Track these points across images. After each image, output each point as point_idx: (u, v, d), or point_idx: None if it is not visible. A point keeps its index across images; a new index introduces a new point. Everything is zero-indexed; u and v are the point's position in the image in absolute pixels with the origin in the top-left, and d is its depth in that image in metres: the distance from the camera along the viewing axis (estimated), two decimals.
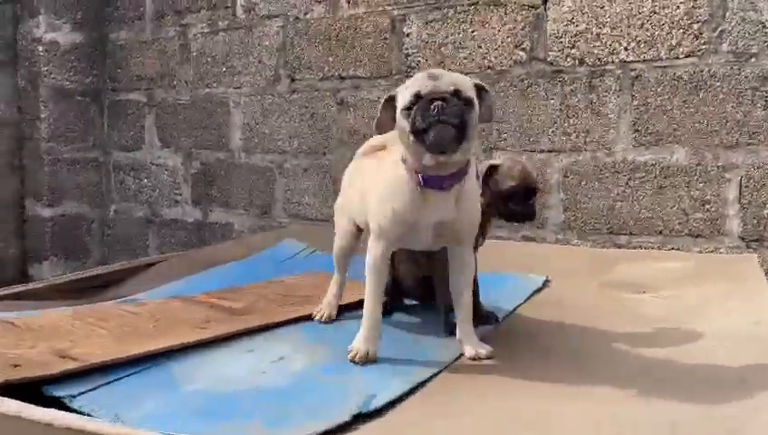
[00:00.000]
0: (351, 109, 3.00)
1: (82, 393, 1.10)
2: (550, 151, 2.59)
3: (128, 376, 1.20)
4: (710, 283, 1.79)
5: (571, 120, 2.54)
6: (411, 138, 1.30)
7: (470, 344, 1.42)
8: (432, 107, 1.25)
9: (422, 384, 1.23)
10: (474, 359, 1.39)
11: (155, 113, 3.58)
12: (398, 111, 1.32)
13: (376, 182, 1.44)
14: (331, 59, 3.03)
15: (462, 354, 1.42)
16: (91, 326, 1.41)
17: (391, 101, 1.35)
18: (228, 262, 2.29)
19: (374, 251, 1.41)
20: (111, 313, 1.56)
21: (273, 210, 3.25)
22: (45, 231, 3.55)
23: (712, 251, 2.33)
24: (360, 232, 1.62)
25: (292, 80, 3.14)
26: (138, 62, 3.61)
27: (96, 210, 3.74)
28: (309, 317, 1.64)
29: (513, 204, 1.54)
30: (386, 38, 2.89)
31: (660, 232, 2.42)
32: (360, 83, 2.96)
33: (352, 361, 1.33)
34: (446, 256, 1.45)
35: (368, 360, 1.33)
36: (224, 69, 3.34)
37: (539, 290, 1.92)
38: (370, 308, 1.40)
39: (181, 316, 1.54)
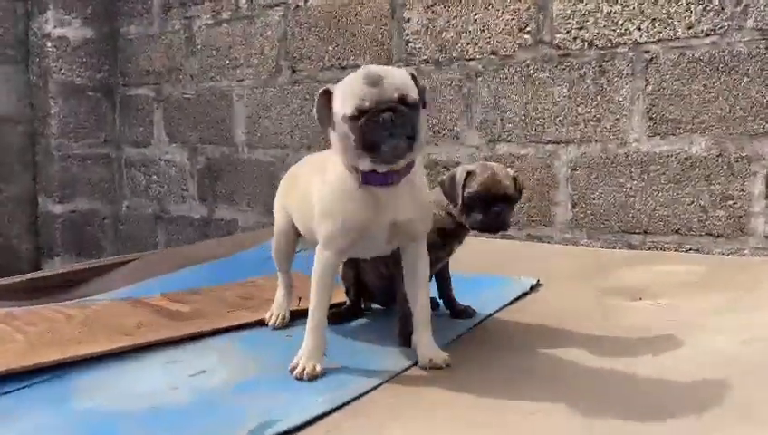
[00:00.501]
0: None
1: None
2: (557, 142, 2.38)
3: (22, 388, 1.10)
4: (717, 290, 1.57)
5: (580, 108, 2.33)
6: (361, 150, 1.18)
7: (425, 351, 1.27)
8: (381, 120, 1.14)
9: (351, 401, 1.08)
10: (427, 368, 1.25)
11: (162, 108, 3.53)
12: (339, 114, 1.19)
13: (319, 187, 1.31)
14: (330, 48, 2.89)
15: (414, 364, 1.26)
16: (11, 331, 1.33)
17: (327, 95, 1.23)
18: (208, 260, 2.18)
19: (321, 262, 1.29)
20: (44, 316, 1.47)
21: None
22: (56, 227, 3.55)
23: (734, 253, 2.08)
24: (298, 234, 1.54)
25: (293, 71, 3.02)
26: (146, 57, 3.56)
27: (108, 206, 3.72)
28: (260, 323, 1.51)
29: (476, 211, 1.40)
30: (386, 24, 2.73)
31: (677, 231, 2.18)
32: None
33: (297, 378, 1.20)
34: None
35: (312, 376, 1.20)
36: (227, 61, 3.25)
37: (526, 294, 1.73)
38: (315, 322, 1.27)
39: (113, 321, 1.44)
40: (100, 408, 1.06)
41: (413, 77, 1.22)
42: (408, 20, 2.67)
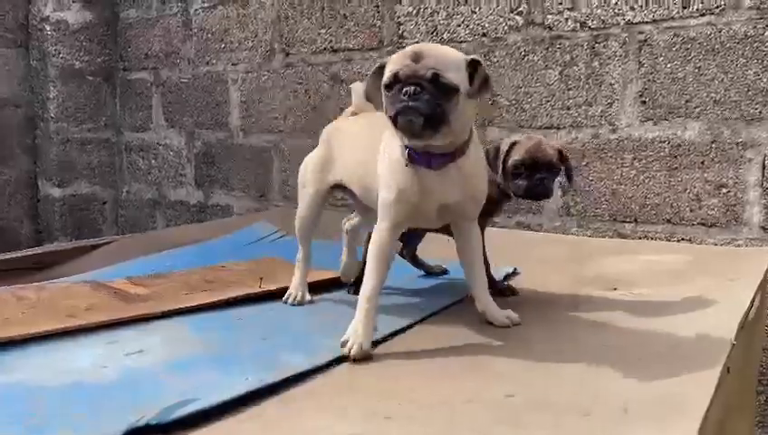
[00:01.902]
0: (344, 84, 2.80)
1: None
2: (547, 128, 2.30)
3: None
4: (696, 281, 1.50)
5: (571, 92, 2.24)
6: (388, 120, 1.20)
7: (496, 314, 1.33)
8: (404, 91, 1.14)
9: (280, 386, 1.03)
10: (510, 325, 1.30)
11: (160, 93, 3.52)
12: (383, 85, 1.20)
13: (381, 157, 1.31)
14: (323, 31, 2.84)
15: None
16: None
17: (382, 69, 1.22)
18: (186, 245, 2.15)
19: (377, 236, 1.27)
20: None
21: (270, 193, 3.11)
22: (56, 211, 3.57)
23: (728, 243, 1.99)
24: (327, 197, 1.57)
25: (287, 54, 2.98)
26: (145, 41, 3.55)
27: (108, 191, 3.73)
28: (216, 305, 1.48)
29: (520, 178, 1.45)
30: (377, 6, 2.66)
31: (669, 220, 2.09)
32: (352, 56, 2.76)
33: (347, 354, 1.16)
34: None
35: (363, 356, 1.15)
36: (222, 45, 3.22)
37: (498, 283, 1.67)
38: (367, 296, 1.22)
39: (64, 303, 1.41)
40: (17, 383, 1.03)
41: (474, 63, 1.18)
42: (400, 1, 2.60)
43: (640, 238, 2.14)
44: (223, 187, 3.31)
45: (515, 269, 1.78)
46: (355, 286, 1.50)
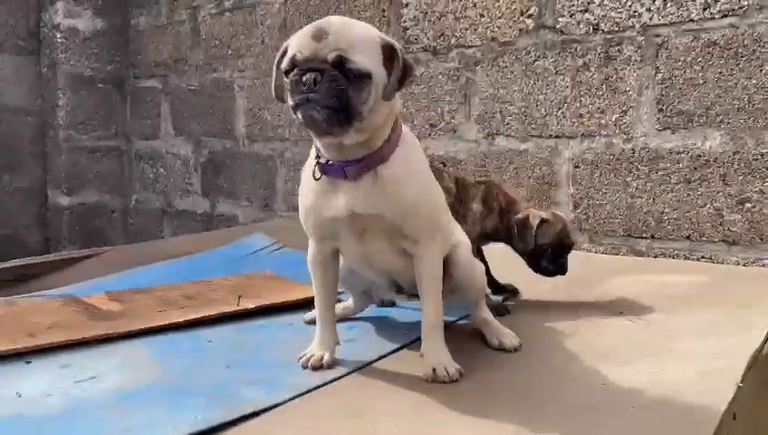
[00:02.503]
0: None
1: None
2: (558, 137, 2.18)
3: None
4: (709, 306, 1.36)
5: (584, 99, 2.11)
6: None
7: (427, 359, 1.10)
8: (304, 79, 0.97)
9: (232, 423, 0.94)
10: (428, 380, 1.07)
11: (169, 100, 3.47)
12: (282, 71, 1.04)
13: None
14: None
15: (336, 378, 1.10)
16: None
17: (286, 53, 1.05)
18: (175, 257, 2.08)
19: (309, 249, 1.19)
20: None
21: (275, 202, 3.03)
22: (64, 219, 3.54)
23: (752, 262, 1.83)
24: None
25: None
26: (154, 48, 3.51)
27: (117, 199, 3.69)
28: (190, 324, 1.38)
29: (545, 259, 1.49)
30: (383, 11, 2.57)
31: (688, 237, 1.94)
32: None
33: (304, 367, 1.12)
34: None
35: (316, 366, 1.12)
36: (229, 52, 3.15)
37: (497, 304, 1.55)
38: (319, 311, 1.18)
39: (27, 320, 1.34)
40: None
41: (389, 47, 1.01)
42: (407, 5, 2.50)
43: (657, 256, 1.99)
44: (229, 196, 3.24)
45: (515, 289, 1.66)
46: None
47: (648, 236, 2.01)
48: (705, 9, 1.88)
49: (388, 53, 1.01)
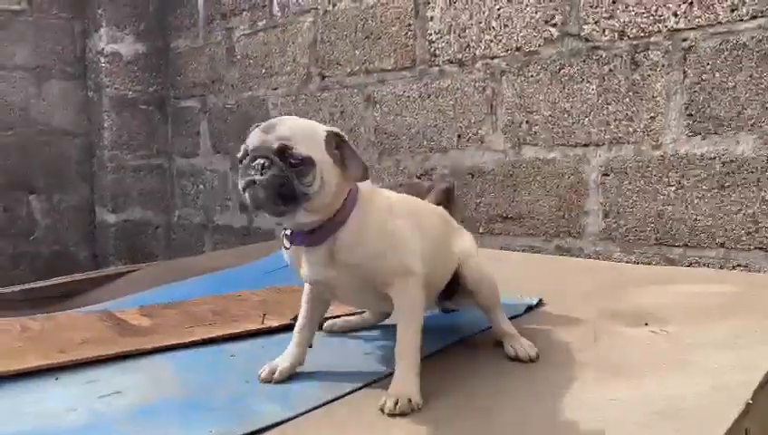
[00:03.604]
0: (378, 105, 2.74)
1: None
2: (586, 145, 2.15)
3: None
4: (736, 318, 1.32)
5: (611, 107, 2.09)
6: None
7: (391, 391, 1.08)
8: (253, 164, 1.05)
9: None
10: (383, 410, 1.04)
11: (207, 119, 3.58)
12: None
13: None
14: (357, 52, 2.79)
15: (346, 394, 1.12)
16: None
17: None
18: (211, 271, 2.14)
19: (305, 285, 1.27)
20: (4, 327, 1.46)
21: None
22: (110, 236, 3.68)
23: None
24: None
25: (323, 77, 2.95)
26: (193, 69, 3.63)
27: (160, 216, 3.81)
28: (212, 341, 1.43)
29: None
30: (409, 24, 2.59)
31: (722, 244, 1.89)
32: (386, 77, 2.70)
33: (258, 378, 1.18)
34: None
35: (264, 380, 1.17)
36: (263, 70, 3.23)
37: (518, 316, 1.54)
38: (295, 329, 1.26)
39: (62, 335, 1.40)
40: None
41: (336, 135, 1.09)
42: (432, 18, 2.52)
43: (690, 264, 1.94)
44: None
45: (540, 300, 1.65)
46: None
47: (681, 244, 1.97)
48: (732, 11, 1.84)
49: (335, 142, 1.09)
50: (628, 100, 2.05)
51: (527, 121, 2.29)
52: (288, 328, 1.53)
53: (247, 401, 1.10)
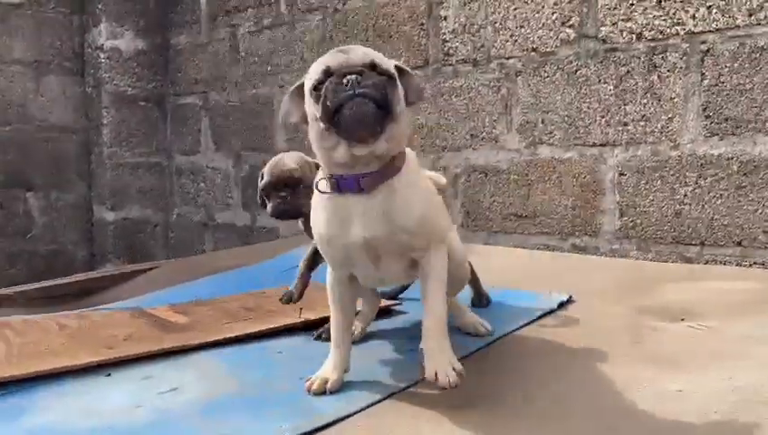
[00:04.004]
0: None
1: None
2: (603, 145, 2.19)
3: None
4: None
5: (628, 107, 2.12)
6: (322, 124, 1.05)
7: (433, 363, 1.08)
8: (345, 81, 1.02)
9: (320, 429, 0.97)
10: (433, 382, 1.06)
11: (209, 116, 3.55)
12: (306, 96, 1.09)
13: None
14: None
15: (414, 383, 1.13)
16: None
17: (301, 90, 1.12)
18: (227, 270, 2.13)
19: (328, 276, 1.22)
20: (41, 325, 1.44)
21: None
22: (109, 234, 3.63)
23: None
24: None
25: None
26: (194, 66, 3.60)
27: (159, 214, 3.77)
28: (253, 336, 1.43)
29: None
30: (422, 24, 2.61)
31: (739, 243, 1.94)
32: None
33: (308, 391, 1.12)
34: None
35: (317, 392, 1.12)
36: (269, 68, 3.22)
37: (553, 311, 1.57)
38: (333, 334, 1.20)
39: (103, 333, 1.39)
40: (50, 425, 1.00)
41: (401, 68, 1.11)
42: (445, 18, 2.54)
43: (707, 263, 1.99)
44: None
45: (570, 297, 1.68)
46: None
47: (698, 242, 2.01)
48: (750, 15, 1.88)
49: (400, 74, 1.10)
50: (645, 101, 2.09)
51: (543, 121, 2.32)
52: (325, 321, 1.53)
53: (306, 397, 1.11)
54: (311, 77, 1.09)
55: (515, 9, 2.36)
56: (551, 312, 1.57)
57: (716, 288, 1.63)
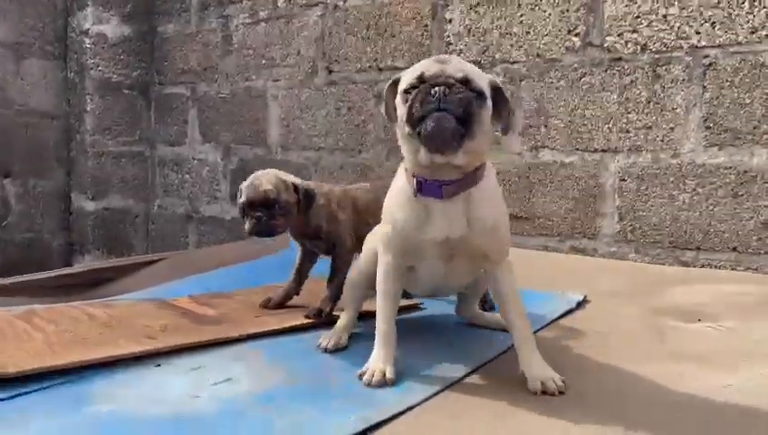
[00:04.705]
0: None
1: None
2: (604, 151, 2.26)
3: (37, 390, 1.03)
4: None
5: (631, 116, 2.20)
6: (407, 128, 1.10)
7: (534, 371, 1.14)
8: (433, 91, 1.06)
9: (385, 422, 0.99)
10: (538, 393, 1.11)
11: (197, 107, 3.50)
12: (398, 95, 1.14)
13: (387, 192, 1.26)
14: (368, 49, 2.81)
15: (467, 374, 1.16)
16: (29, 329, 1.27)
17: (396, 85, 1.18)
18: (235, 263, 2.12)
19: (382, 266, 1.23)
20: (66, 314, 1.41)
21: None
22: (88, 224, 3.54)
23: None
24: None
25: (330, 72, 2.95)
26: (182, 55, 3.54)
27: (141, 205, 3.70)
28: (286, 331, 1.43)
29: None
30: (426, 25, 2.64)
31: (734, 249, 2.04)
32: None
33: (368, 384, 1.13)
34: None
35: (385, 382, 1.14)
36: (263, 61, 3.20)
37: (571, 311, 1.62)
38: (382, 325, 1.21)
39: (138, 322, 1.37)
40: (119, 412, 0.99)
41: (497, 86, 1.14)
42: (450, 21, 2.58)
43: (702, 266, 2.08)
44: None
45: (585, 297, 1.74)
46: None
47: (694, 247, 2.10)
48: (752, 32, 1.98)
49: (494, 92, 1.14)
50: (648, 110, 2.18)
51: (545, 126, 2.38)
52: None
53: (361, 388, 1.13)
54: (406, 79, 1.13)
55: (522, 15, 2.41)
56: (569, 311, 1.62)
57: (721, 291, 1.71)
